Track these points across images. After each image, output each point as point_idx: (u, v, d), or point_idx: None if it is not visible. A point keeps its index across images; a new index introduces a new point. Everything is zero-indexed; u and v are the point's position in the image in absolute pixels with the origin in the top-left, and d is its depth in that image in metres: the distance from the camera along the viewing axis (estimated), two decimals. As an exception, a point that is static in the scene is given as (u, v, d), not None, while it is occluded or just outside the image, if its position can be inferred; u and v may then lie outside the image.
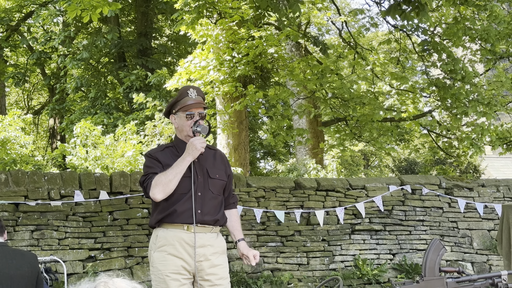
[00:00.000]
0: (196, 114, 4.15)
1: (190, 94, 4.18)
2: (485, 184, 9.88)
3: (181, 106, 4.17)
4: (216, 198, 4.21)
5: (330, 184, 8.95)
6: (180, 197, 4.07)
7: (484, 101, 11.98)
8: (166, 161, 4.12)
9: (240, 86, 12.14)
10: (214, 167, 4.25)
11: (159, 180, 4.00)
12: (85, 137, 12.25)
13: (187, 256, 4.06)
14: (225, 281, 4.18)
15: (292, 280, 8.24)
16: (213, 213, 4.16)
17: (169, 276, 4.03)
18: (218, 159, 4.33)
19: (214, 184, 4.20)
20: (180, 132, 4.25)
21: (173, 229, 4.09)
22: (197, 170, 4.15)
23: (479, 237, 9.44)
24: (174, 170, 4.01)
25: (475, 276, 4.00)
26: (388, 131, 15.27)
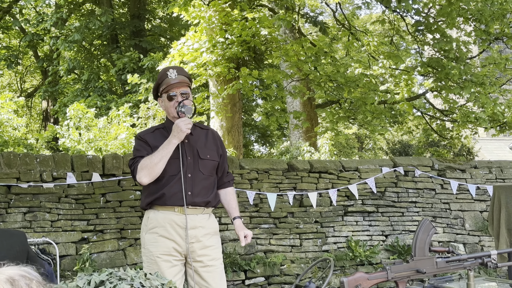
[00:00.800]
0: (178, 94, 4.12)
1: (170, 75, 4.13)
2: (477, 165, 9.94)
3: (163, 87, 4.15)
4: (207, 179, 4.19)
5: (323, 166, 8.97)
6: (169, 179, 4.06)
7: (478, 81, 11.98)
8: (155, 143, 4.09)
9: (233, 68, 12.11)
10: (205, 148, 4.22)
11: (145, 164, 3.98)
12: (78, 119, 12.23)
13: (178, 238, 4.06)
14: (218, 261, 4.17)
15: (285, 262, 8.28)
16: (204, 194, 4.14)
17: (160, 258, 4.04)
18: (210, 139, 4.31)
19: (204, 164, 4.18)
20: (168, 114, 4.24)
21: (164, 211, 4.08)
22: (186, 151, 4.12)
23: (471, 219, 9.50)
24: (160, 153, 3.98)
25: (465, 256, 4.03)
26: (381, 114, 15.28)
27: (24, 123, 15.13)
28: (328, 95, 14.35)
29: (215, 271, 4.15)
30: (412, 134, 22.32)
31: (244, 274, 7.95)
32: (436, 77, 12.90)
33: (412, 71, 13.74)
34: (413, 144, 21.82)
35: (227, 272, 7.75)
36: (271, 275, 8.07)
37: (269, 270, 8.06)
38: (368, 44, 14.23)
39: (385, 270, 3.93)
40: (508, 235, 5.68)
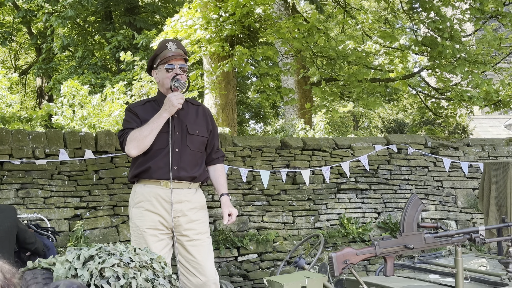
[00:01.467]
0: (176, 66, 4.12)
1: (170, 47, 4.13)
2: (470, 143, 9.96)
3: (161, 59, 4.14)
4: (195, 155, 4.19)
5: (316, 143, 8.98)
6: (157, 152, 4.07)
7: (471, 60, 11.97)
8: (145, 116, 4.09)
9: (227, 46, 12.07)
10: (195, 123, 4.23)
11: (134, 136, 3.99)
12: (72, 96, 12.20)
13: (164, 211, 4.08)
14: (204, 235, 4.19)
15: (278, 239, 8.32)
16: (190, 169, 4.15)
17: (147, 232, 4.06)
18: (200, 115, 4.31)
19: (193, 140, 4.18)
20: (162, 86, 4.23)
21: (150, 185, 4.10)
22: (175, 125, 4.13)
23: (463, 196, 9.54)
24: (149, 126, 3.99)
25: (453, 231, 4.05)
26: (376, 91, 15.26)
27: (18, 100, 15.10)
28: (321, 71, 14.33)
29: (202, 245, 4.16)
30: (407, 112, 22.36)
31: (237, 251, 7.99)
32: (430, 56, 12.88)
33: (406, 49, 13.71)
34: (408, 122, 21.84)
35: (220, 249, 7.80)
36: (264, 252, 8.12)
37: (262, 247, 8.10)
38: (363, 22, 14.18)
39: (373, 246, 3.95)
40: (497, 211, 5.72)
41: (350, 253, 3.91)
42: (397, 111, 22.98)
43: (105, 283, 3.29)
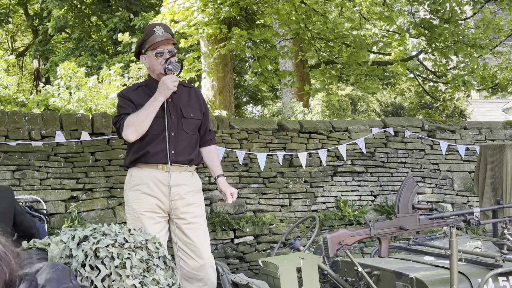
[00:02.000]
0: (165, 51, 4.10)
1: (157, 32, 4.11)
2: (467, 126, 9.97)
3: (150, 44, 4.12)
4: (191, 138, 4.20)
5: (313, 126, 8.97)
6: (153, 137, 4.07)
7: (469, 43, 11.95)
8: (139, 101, 4.08)
9: (224, 28, 12.02)
10: (189, 106, 4.22)
11: (131, 121, 3.98)
12: (68, 78, 12.18)
13: (161, 195, 4.09)
14: (201, 219, 4.21)
15: (274, 221, 8.34)
16: (187, 153, 4.15)
17: (144, 215, 4.07)
18: (193, 97, 4.30)
19: (188, 123, 4.18)
20: (152, 71, 4.20)
21: (147, 168, 4.11)
22: (170, 110, 4.12)
23: (459, 179, 9.57)
24: (146, 110, 3.97)
25: (448, 213, 4.06)
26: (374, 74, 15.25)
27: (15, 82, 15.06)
28: (319, 54, 14.29)
29: (198, 228, 4.18)
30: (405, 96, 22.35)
31: (233, 233, 8.01)
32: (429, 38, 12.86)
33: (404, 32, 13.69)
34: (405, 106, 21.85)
35: (217, 231, 7.82)
36: (260, 234, 8.14)
37: (258, 229, 8.12)
38: (361, 4, 14.13)
39: (368, 227, 3.97)
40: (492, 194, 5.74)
41: (345, 234, 3.93)
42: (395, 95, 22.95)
43: (100, 263, 3.30)
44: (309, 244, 4.68)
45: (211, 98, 12.80)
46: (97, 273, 3.31)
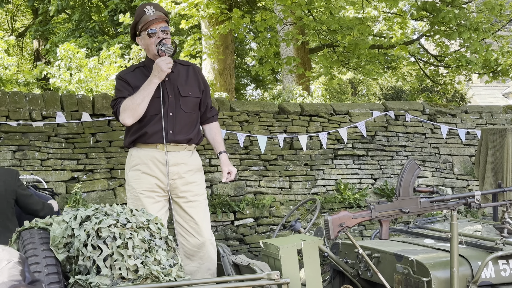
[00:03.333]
0: (158, 30, 4.07)
1: (148, 11, 4.09)
2: (468, 110, 9.95)
3: (142, 25, 4.10)
4: (190, 117, 4.19)
5: (313, 109, 8.96)
6: (151, 118, 4.07)
7: (472, 27, 11.91)
8: (136, 83, 4.08)
9: (225, 9, 11.98)
10: (186, 85, 4.21)
11: (127, 105, 3.98)
12: (69, 60, 12.16)
13: (160, 174, 4.10)
14: (201, 197, 4.22)
15: (274, 203, 8.35)
16: (186, 132, 4.15)
17: (143, 194, 4.08)
18: (191, 75, 4.28)
19: (186, 102, 4.17)
20: (148, 52, 4.19)
21: (146, 148, 4.12)
22: (167, 89, 4.12)
23: (460, 163, 9.57)
24: (141, 94, 3.97)
25: (449, 196, 4.07)
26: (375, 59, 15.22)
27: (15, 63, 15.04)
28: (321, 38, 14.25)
29: (199, 206, 4.19)
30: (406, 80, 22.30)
31: (233, 215, 8.03)
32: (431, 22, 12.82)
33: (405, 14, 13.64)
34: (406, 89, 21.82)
35: (217, 213, 7.84)
36: (260, 217, 8.16)
37: (258, 211, 8.14)
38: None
39: (369, 209, 3.97)
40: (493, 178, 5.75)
41: (346, 216, 3.93)
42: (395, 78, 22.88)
43: (102, 243, 3.31)
44: (310, 226, 4.69)
45: (211, 80, 12.78)
46: (99, 253, 3.32)
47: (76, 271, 3.31)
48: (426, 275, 3.90)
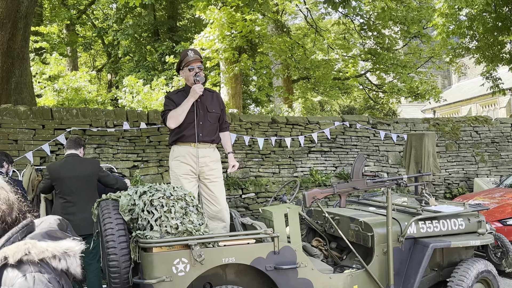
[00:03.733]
0: (195, 67, 4.10)
1: (190, 54, 4.12)
2: (398, 121, 9.93)
3: (185, 63, 4.13)
4: (212, 125, 4.20)
5: (295, 120, 8.95)
6: (187, 125, 4.08)
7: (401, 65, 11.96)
8: (178, 101, 4.10)
9: (236, 53, 11.99)
10: (212, 104, 4.22)
11: (172, 115, 4.02)
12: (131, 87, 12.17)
13: (193, 163, 4.10)
14: (219, 179, 4.22)
15: (268, 183, 8.34)
16: (210, 135, 4.17)
17: (182, 176, 4.08)
18: (214, 99, 4.29)
19: (211, 116, 4.18)
20: (187, 81, 4.21)
21: (184, 145, 4.12)
22: (199, 106, 4.13)
23: (392, 156, 9.55)
24: (182, 108, 4.01)
25: (385, 178, 4.08)
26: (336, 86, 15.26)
27: (95, 89, 15.01)
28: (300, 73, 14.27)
29: (218, 185, 4.20)
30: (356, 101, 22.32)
31: (241, 191, 8.02)
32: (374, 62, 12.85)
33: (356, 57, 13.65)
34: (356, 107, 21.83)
35: (230, 189, 7.83)
36: (259, 192, 8.15)
37: (258, 188, 8.13)
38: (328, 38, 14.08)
39: (332, 187, 3.97)
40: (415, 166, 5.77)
41: (316, 191, 3.93)
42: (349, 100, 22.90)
43: (154, 209, 3.32)
44: (293, 198, 4.69)
45: (226, 101, 12.77)
46: (152, 216, 3.32)
47: (136, 228, 3.31)
48: (371, 231, 3.90)
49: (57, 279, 1.33)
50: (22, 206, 1.47)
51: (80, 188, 4.56)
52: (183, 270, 3.17)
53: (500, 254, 4.53)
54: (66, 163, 4.63)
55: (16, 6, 7.67)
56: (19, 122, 6.76)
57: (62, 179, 4.55)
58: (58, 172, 4.56)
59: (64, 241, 1.39)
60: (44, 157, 6.78)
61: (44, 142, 6.79)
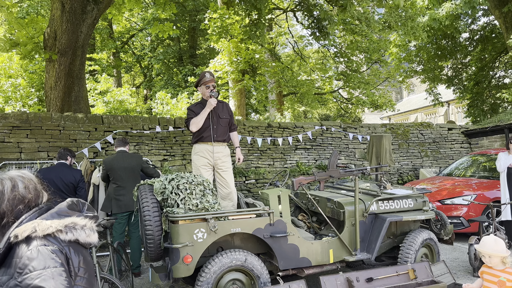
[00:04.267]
0: (211, 85, 4.11)
1: (207, 75, 4.11)
2: (363, 126, 9.90)
3: (203, 82, 4.13)
4: (224, 129, 4.18)
5: (285, 125, 8.92)
6: (205, 129, 4.07)
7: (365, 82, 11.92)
8: (197, 111, 4.09)
9: (241, 74, 11.96)
10: (222, 112, 4.20)
11: (193, 122, 4.01)
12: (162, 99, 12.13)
13: (210, 157, 4.08)
14: (229, 169, 4.20)
15: (265, 172, 8.30)
16: (222, 136, 4.15)
17: (201, 167, 4.07)
18: (225, 108, 4.27)
19: (222, 121, 4.17)
20: (204, 95, 4.20)
21: (203, 144, 4.10)
22: (213, 115, 4.12)
23: (359, 152, 9.52)
24: (201, 116, 4.00)
25: (354, 169, 4.07)
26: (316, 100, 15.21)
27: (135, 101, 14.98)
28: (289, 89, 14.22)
29: (228, 173, 4.18)
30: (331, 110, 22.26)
31: (244, 178, 7.98)
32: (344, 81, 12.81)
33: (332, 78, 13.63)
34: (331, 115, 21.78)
35: (237, 177, 7.80)
36: (259, 179, 8.11)
37: (257, 176, 8.10)
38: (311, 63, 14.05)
39: (314, 175, 3.97)
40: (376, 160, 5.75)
41: (302, 178, 3.93)
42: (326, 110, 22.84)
43: (180, 192, 3.31)
44: (283, 184, 4.68)
45: (234, 110, 12.74)
46: (178, 197, 3.31)
47: (166, 206, 3.31)
48: (342, 208, 3.90)
49: (61, 250, 1.30)
50: (45, 195, 1.45)
51: (128, 176, 4.57)
52: (201, 238, 3.17)
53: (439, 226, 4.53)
54: (117, 157, 4.64)
55: (75, 38, 7.65)
56: (78, 126, 6.76)
57: (114, 169, 4.56)
58: (111, 164, 4.58)
59: (69, 218, 1.35)
60: (96, 152, 6.77)
61: (96, 141, 6.79)
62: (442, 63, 15.30)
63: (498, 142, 9.53)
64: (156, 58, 17.02)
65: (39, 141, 6.46)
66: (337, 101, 17.21)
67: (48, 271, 1.24)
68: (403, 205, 4.13)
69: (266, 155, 8.51)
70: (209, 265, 3.19)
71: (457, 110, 24.74)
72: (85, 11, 7.73)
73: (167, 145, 7.46)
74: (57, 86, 7.71)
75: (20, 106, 11.84)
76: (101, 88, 13.15)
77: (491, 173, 6.69)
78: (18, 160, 6.20)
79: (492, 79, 15.21)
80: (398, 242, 4.20)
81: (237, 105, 13.02)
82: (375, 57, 13.00)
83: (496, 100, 14.80)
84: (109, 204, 4.57)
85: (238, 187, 7.83)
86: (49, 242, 1.30)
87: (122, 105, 12.25)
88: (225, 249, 3.45)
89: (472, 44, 15.16)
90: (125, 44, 19.10)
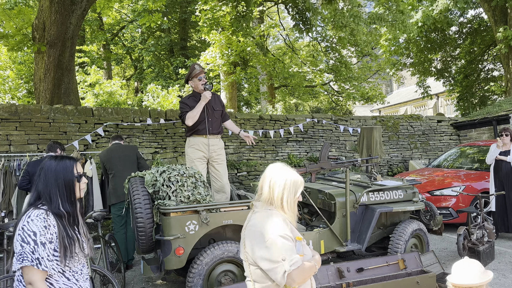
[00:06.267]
0: (202, 77, 4.07)
1: (196, 67, 4.09)
2: (353, 118, 9.92)
3: (194, 75, 4.08)
4: (218, 120, 4.17)
5: (277, 117, 8.90)
6: (200, 122, 4.05)
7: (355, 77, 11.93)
8: (190, 104, 4.06)
9: (232, 67, 11.88)
10: (215, 104, 4.18)
11: (189, 115, 3.97)
12: (152, 92, 12.01)
13: (205, 149, 4.06)
14: (223, 161, 4.19)
15: (257, 165, 8.29)
16: (216, 128, 4.13)
17: (196, 159, 4.05)
18: (217, 100, 4.25)
19: (216, 113, 4.15)
20: (196, 88, 4.15)
21: (198, 137, 4.07)
22: (208, 108, 4.09)
23: (349, 144, 9.56)
24: (196, 109, 3.97)
25: (345, 161, 4.07)
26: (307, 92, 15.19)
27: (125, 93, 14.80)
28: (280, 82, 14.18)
29: (222, 166, 4.18)
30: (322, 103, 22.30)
31: (237, 170, 7.96)
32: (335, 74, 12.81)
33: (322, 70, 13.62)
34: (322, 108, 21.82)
35: (229, 169, 7.76)
36: (250, 171, 8.09)
37: (249, 168, 8.08)
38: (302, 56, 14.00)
39: (305, 167, 3.97)
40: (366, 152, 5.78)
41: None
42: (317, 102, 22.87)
43: (171, 184, 3.28)
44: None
45: (225, 103, 12.67)
46: (169, 189, 3.28)
47: (158, 198, 3.28)
48: (333, 200, 3.91)
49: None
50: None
51: (124, 165, 4.56)
52: (193, 230, 3.15)
53: (429, 217, 4.58)
54: (112, 148, 4.65)
55: (64, 29, 7.49)
56: (68, 118, 6.65)
57: (110, 159, 4.56)
58: (107, 155, 4.59)
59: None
60: (86, 144, 6.68)
61: (86, 133, 6.69)
62: (432, 56, 15.38)
63: (486, 134, 9.64)
64: (146, 50, 16.80)
65: (29, 134, 6.35)
66: (328, 94, 17.24)
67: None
68: (393, 196, 4.16)
69: (257, 148, 8.48)
70: (201, 257, 3.18)
71: (446, 102, 24.99)
72: (74, 2, 7.56)
73: (158, 137, 7.39)
74: (47, 78, 7.57)
75: (9, 98, 11.61)
76: (91, 80, 12.95)
77: (479, 164, 6.77)
78: (7, 152, 6.09)
79: (481, 72, 15.36)
80: (388, 232, 4.24)
81: (228, 98, 12.95)
82: (365, 51, 13.01)
83: (485, 93, 14.96)
84: (109, 196, 4.56)
85: (230, 179, 7.81)
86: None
87: (112, 97, 12.10)
88: (217, 241, 3.43)
89: (461, 37, 15.26)
90: (115, 36, 18.81)
